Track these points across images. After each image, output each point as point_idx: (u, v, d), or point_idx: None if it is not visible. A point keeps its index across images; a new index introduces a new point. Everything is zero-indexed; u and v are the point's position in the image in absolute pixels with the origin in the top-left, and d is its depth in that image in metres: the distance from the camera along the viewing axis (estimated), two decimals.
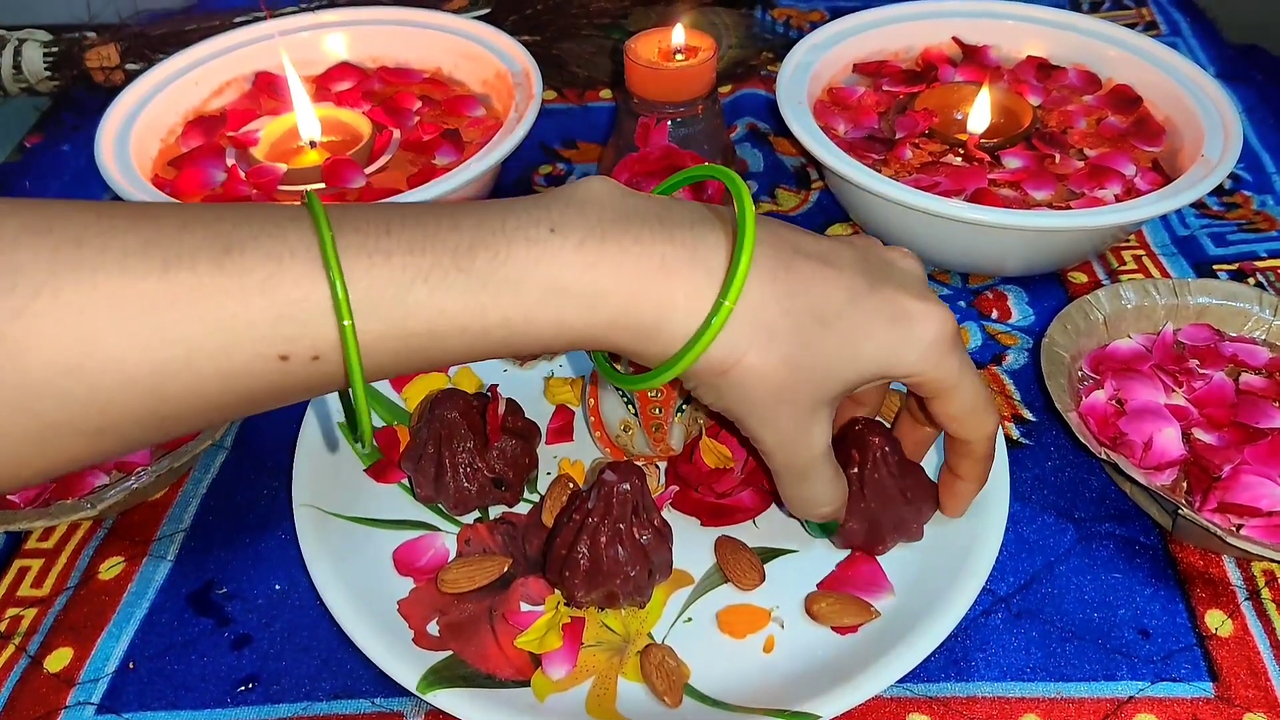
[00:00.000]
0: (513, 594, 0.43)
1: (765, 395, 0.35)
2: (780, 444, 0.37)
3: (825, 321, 0.35)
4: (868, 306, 0.36)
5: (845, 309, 0.35)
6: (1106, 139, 0.65)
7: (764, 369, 0.35)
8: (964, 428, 0.40)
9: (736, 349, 0.34)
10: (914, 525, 0.44)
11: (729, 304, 0.33)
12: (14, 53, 0.78)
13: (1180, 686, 0.41)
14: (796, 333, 0.35)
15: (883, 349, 0.36)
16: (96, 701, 0.42)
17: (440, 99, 0.70)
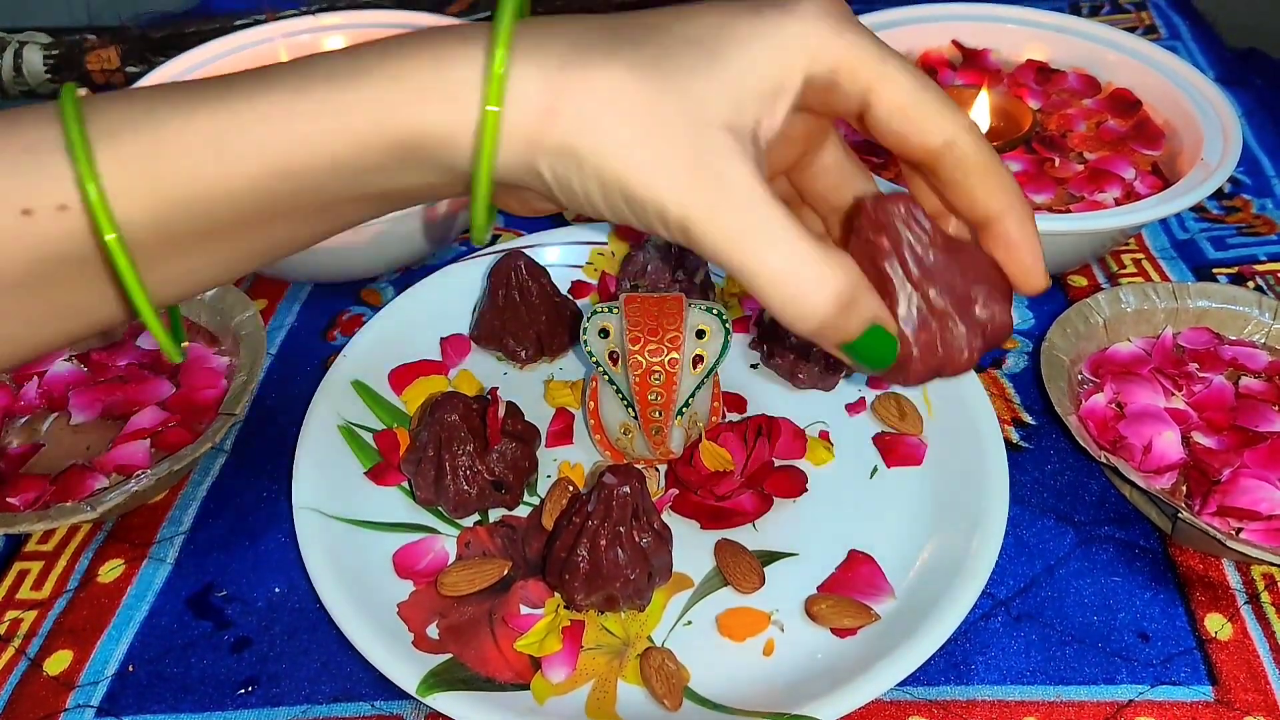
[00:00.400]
0: (512, 597, 0.43)
1: (621, 124, 0.27)
2: (685, 192, 0.27)
3: (656, 27, 0.28)
4: (711, 8, 0.29)
5: (680, 13, 0.29)
6: (1106, 143, 0.65)
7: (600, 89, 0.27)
8: (924, 120, 0.30)
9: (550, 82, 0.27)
10: (994, 307, 0.32)
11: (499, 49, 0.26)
12: (15, 55, 0.78)
13: (1180, 690, 0.41)
14: (624, 44, 0.28)
15: (759, 43, 0.28)
16: (96, 704, 0.42)
17: None
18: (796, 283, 0.27)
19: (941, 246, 0.31)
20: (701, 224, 0.27)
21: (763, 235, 0.27)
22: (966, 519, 0.45)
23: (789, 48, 0.28)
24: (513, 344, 0.54)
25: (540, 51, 0.27)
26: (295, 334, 0.59)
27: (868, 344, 0.29)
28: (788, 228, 0.27)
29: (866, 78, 0.29)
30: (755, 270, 0.27)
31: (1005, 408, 0.53)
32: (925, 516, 0.46)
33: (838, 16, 0.29)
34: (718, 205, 0.27)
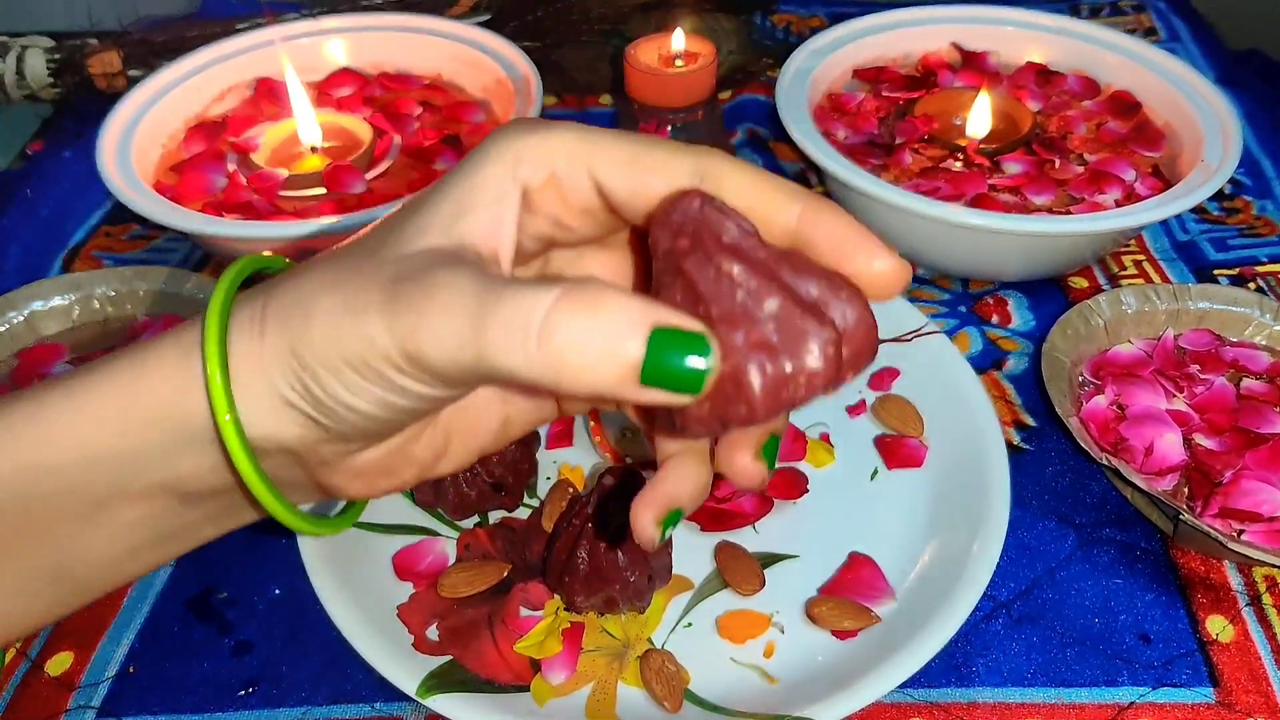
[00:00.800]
0: (512, 599, 0.43)
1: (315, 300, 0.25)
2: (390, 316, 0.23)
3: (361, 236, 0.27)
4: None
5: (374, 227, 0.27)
6: (1106, 144, 0.65)
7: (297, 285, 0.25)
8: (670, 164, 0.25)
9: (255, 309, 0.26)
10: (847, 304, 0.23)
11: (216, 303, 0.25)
12: (17, 59, 0.79)
13: (1181, 692, 0.41)
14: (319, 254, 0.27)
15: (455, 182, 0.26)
16: (97, 705, 0.42)
17: (441, 105, 0.70)
18: (517, 320, 0.22)
19: (758, 239, 0.24)
20: (414, 338, 0.23)
21: (469, 302, 0.22)
22: (967, 521, 0.44)
23: (487, 166, 0.26)
24: None
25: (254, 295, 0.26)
26: None
27: (664, 357, 0.22)
28: (497, 282, 0.23)
29: (583, 155, 0.25)
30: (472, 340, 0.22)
31: (1006, 409, 0.53)
32: (926, 518, 0.46)
33: (531, 125, 0.26)
34: (417, 303, 0.23)
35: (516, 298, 0.22)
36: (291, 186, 0.62)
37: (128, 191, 0.58)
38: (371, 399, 0.25)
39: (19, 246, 0.67)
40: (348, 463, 0.27)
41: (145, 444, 0.26)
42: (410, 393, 0.24)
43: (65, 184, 0.72)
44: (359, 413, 0.25)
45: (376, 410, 0.25)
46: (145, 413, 0.26)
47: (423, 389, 0.24)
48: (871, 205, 0.57)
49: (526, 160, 0.25)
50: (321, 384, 0.24)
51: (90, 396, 0.26)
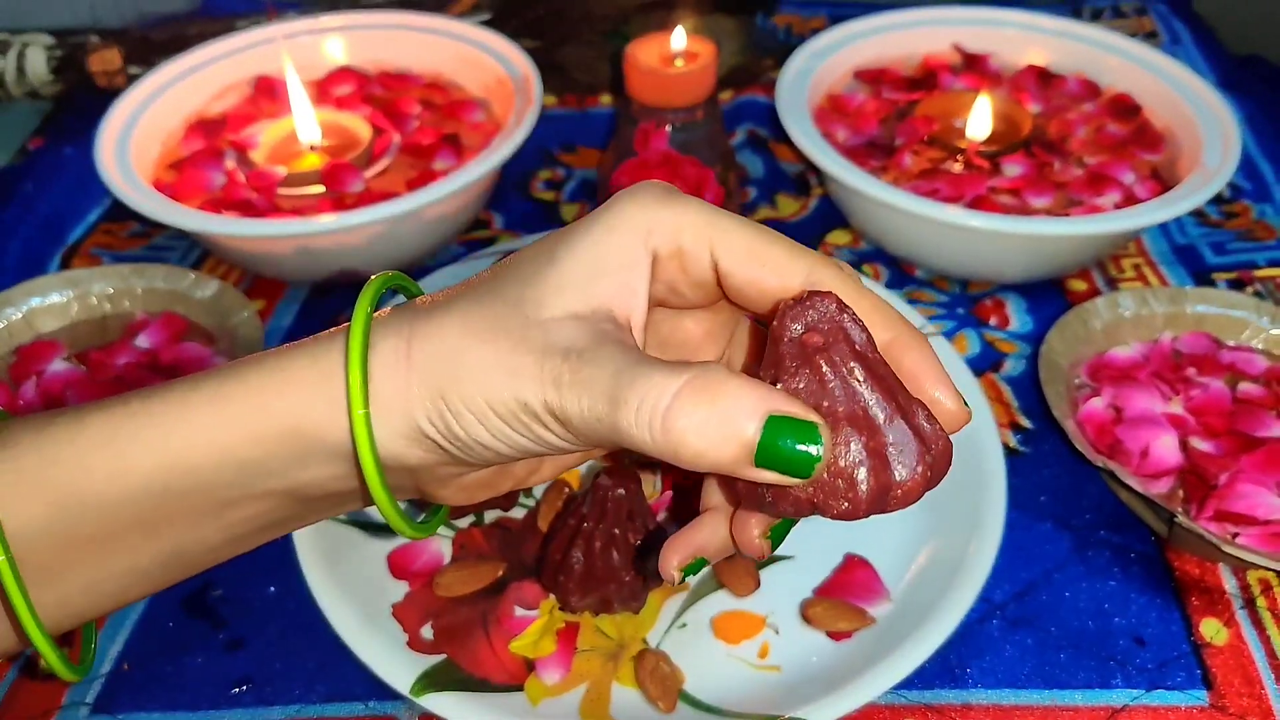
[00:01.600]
0: (507, 598, 0.43)
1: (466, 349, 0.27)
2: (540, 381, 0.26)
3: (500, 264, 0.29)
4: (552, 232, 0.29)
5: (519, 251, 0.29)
6: (1106, 147, 0.65)
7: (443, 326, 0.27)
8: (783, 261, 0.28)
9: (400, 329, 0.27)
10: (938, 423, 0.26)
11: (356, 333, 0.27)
12: (18, 56, 0.79)
13: (1175, 695, 0.41)
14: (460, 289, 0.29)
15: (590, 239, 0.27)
16: (91, 702, 0.42)
17: (440, 103, 0.70)
18: (649, 400, 0.24)
19: (881, 359, 0.26)
20: (558, 397, 0.25)
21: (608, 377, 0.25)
22: (963, 523, 0.44)
23: (622, 229, 0.27)
24: None
25: (394, 322, 0.28)
26: (293, 335, 0.59)
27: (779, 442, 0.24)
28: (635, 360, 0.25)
29: (707, 231, 0.28)
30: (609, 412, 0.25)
31: (1003, 411, 0.53)
32: (922, 520, 0.46)
33: (663, 192, 0.28)
34: (567, 375, 0.25)
35: (647, 383, 0.24)
36: (290, 184, 0.62)
37: (126, 189, 0.58)
38: (509, 442, 0.27)
39: (18, 243, 0.67)
40: (457, 480, 0.30)
41: (276, 454, 0.27)
42: (545, 442, 0.27)
43: (65, 181, 0.72)
44: (492, 451, 0.27)
45: (508, 451, 0.27)
46: (280, 425, 0.27)
47: (558, 441, 0.27)
48: (871, 207, 0.57)
49: (657, 232, 0.28)
50: (464, 425, 0.27)
51: (231, 405, 0.27)
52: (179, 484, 0.27)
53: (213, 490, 0.28)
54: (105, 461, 0.27)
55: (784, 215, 0.68)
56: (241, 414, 0.27)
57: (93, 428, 0.27)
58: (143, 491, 0.27)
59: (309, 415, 0.27)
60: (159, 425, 0.27)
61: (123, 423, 0.27)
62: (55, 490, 0.27)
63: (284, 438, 0.27)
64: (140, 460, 0.27)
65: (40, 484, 0.27)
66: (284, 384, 0.27)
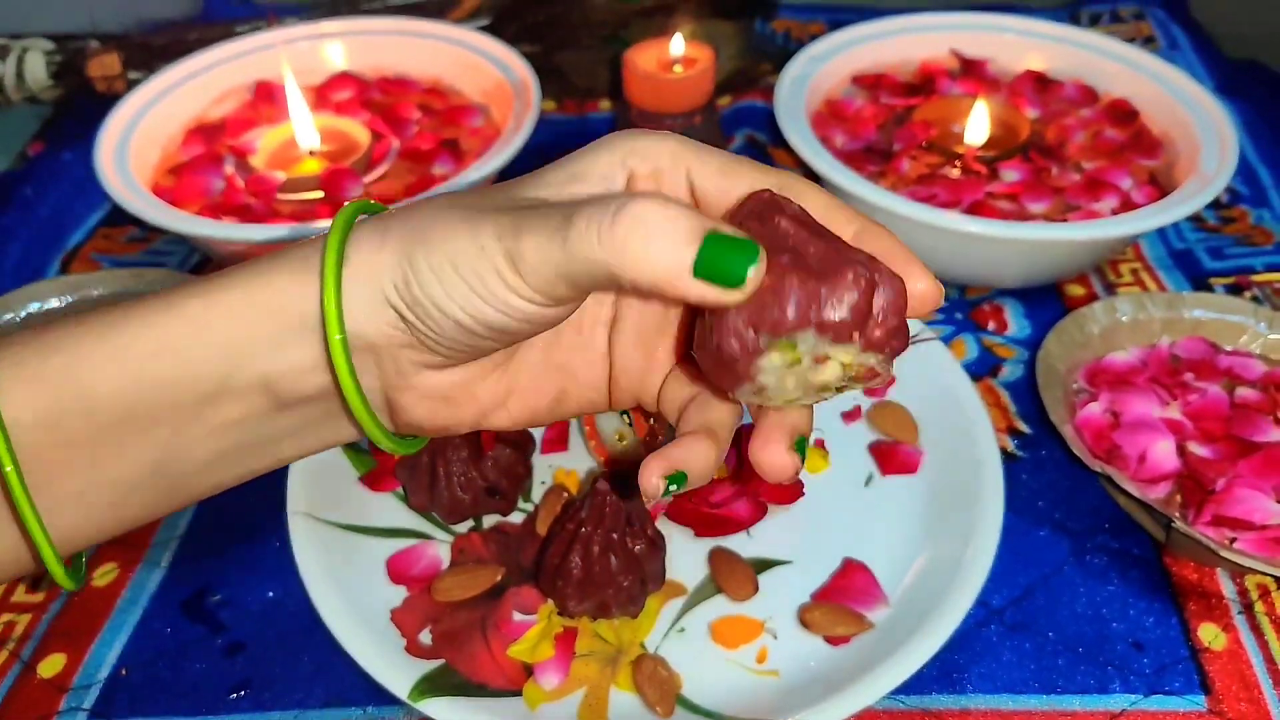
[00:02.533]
0: (505, 603, 0.43)
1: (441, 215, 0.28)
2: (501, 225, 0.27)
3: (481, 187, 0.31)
4: None
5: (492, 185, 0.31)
6: (1104, 152, 0.65)
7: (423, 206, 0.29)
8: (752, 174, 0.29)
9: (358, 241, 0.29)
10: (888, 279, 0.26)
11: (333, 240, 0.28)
12: (17, 61, 0.79)
13: (1173, 700, 0.41)
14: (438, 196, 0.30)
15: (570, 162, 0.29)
16: (89, 708, 0.42)
17: (439, 109, 0.70)
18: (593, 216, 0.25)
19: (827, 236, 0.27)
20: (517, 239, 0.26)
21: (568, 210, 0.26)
22: (961, 527, 0.45)
23: (600, 151, 0.29)
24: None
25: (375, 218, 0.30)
26: None
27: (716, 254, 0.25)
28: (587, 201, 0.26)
29: (684, 156, 0.29)
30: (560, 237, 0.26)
31: (1001, 416, 0.53)
32: (920, 525, 0.46)
33: (645, 130, 0.30)
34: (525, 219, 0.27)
35: (599, 201, 0.26)
36: (289, 189, 0.62)
37: (125, 194, 0.58)
38: (466, 306, 0.27)
39: (17, 247, 0.67)
40: (419, 380, 0.30)
41: (255, 335, 0.29)
42: (500, 300, 0.27)
43: (64, 185, 0.72)
44: (450, 320, 0.28)
45: (465, 319, 0.28)
46: (260, 306, 0.29)
47: (513, 299, 0.27)
48: (869, 212, 0.57)
49: (636, 153, 0.29)
50: (422, 283, 0.27)
51: (218, 294, 0.29)
52: (164, 371, 0.28)
53: (196, 379, 0.29)
54: (100, 355, 0.28)
55: None
56: (226, 299, 0.29)
57: (89, 325, 0.29)
58: (132, 382, 0.28)
59: (290, 292, 0.29)
60: (150, 319, 0.29)
61: (119, 320, 0.29)
62: (52, 382, 0.28)
63: (265, 316, 0.29)
64: (131, 351, 0.28)
65: (37, 376, 0.28)
66: (268, 271, 0.29)
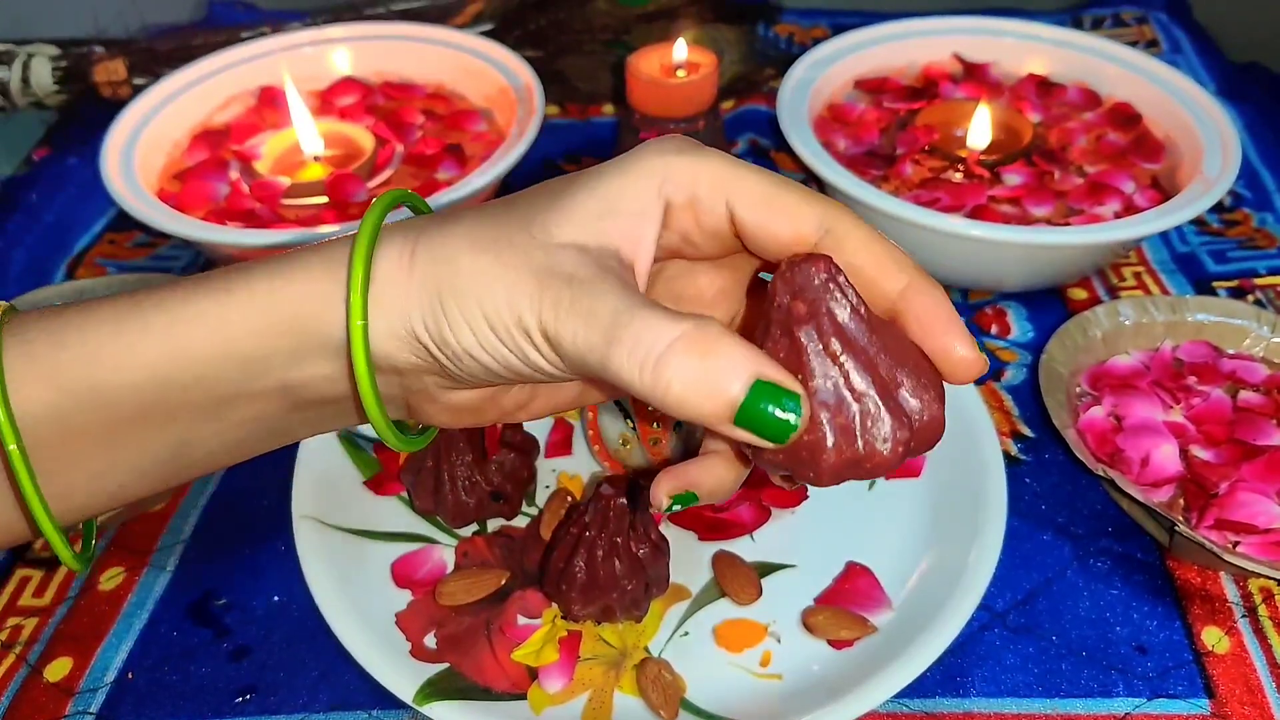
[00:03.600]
0: (510, 607, 0.43)
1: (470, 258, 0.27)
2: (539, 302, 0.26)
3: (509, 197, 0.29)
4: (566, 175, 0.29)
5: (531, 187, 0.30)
6: (1106, 156, 0.65)
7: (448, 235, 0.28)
8: (799, 211, 0.28)
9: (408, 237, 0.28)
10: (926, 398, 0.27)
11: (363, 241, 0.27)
12: (23, 66, 0.79)
13: (1177, 703, 0.41)
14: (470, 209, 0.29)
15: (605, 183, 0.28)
16: (95, 711, 0.42)
17: (443, 114, 0.70)
18: (644, 344, 0.24)
19: (868, 321, 0.26)
20: (555, 324, 0.26)
21: (607, 314, 0.25)
22: (964, 531, 0.45)
23: (637, 174, 0.28)
24: None
25: (401, 229, 0.28)
26: None
27: (760, 407, 0.24)
28: (635, 302, 0.25)
29: (724, 183, 0.28)
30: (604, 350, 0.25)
31: (1004, 420, 0.54)
32: (923, 529, 0.46)
33: (683, 144, 0.29)
34: (565, 301, 0.26)
35: (644, 326, 0.25)
36: (294, 195, 0.62)
37: (131, 199, 0.58)
38: (498, 357, 0.27)
39: (23, 252, 0.67)
40: (444, 396, 0.30)
41: (275, 348, 0.28)
42: (532, 364, 0.27)
43: (70, 191, 0.73)
44: (480, 365, 0.28)
45: (496, 367, 0.28)
46: (282, 318, 0.28)
47: (546, 366, 0.27)
48: (871, 216, 0.57)
49: (673, 180, 0.28)
50: (457, 333, 0.27)
51: (236, 299, 0.28)
52: (182, 376, 0.28)
53: (214, 385, 0.28)
54: (114, 351, 0.28)
55: None
56: (245, 307, 0.28)
57: (101, 318, 0.28)
58: (148, 382, 0.28)
59: (309, 307, 0.28)
60: (166, 317, 0.28)
61: (130, 314, 0.28)
62: (64, 378, 0.28)
63: (284, 331, 0.28)
64: (146, 350, 0.28)
65: (50, 371, 0.28)
66: (289, 280, 0.28)
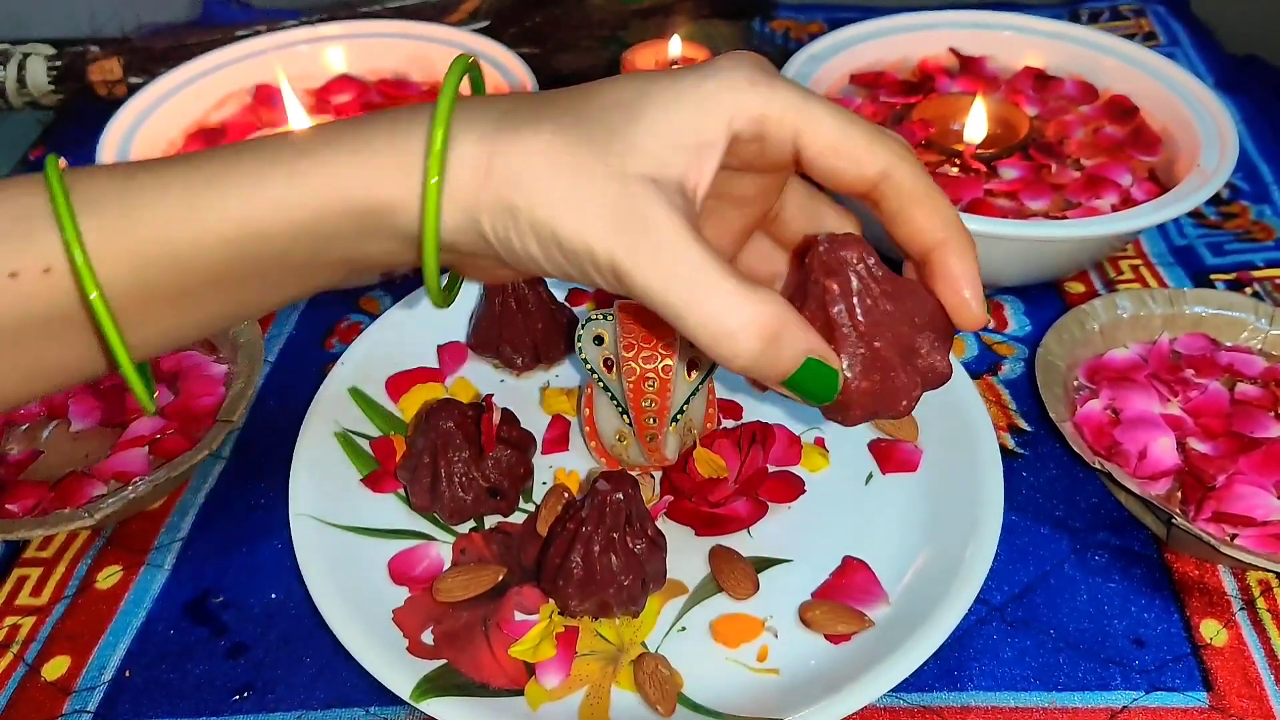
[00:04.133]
0: (507, 603, 0.43)
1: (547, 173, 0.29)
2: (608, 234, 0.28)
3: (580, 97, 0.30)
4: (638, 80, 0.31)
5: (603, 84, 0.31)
6: (1103, 149, 0.65)
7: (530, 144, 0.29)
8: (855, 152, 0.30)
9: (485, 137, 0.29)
10: (934, 354, 0.33)
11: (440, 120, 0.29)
12: (18, 66, 0.79)
13: (1175, 696, 0.41)
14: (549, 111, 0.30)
15: (677, 104, 0.29)
16: (93, 710, 0.42)
17: None
18: (720, 319, 0.28)
19: (889, 293, 0.31)
20: (627, 265, 0.28)
21: (685, 275, 0.28)
22: (961, 525, 0.45)
23: (708, 105, 0.29)
24: (509, 351, 0.54)
25: (477, 122, 0.29)
26: (293, 342, 0.59)
27: (806, 378, 0.30)
28: (710, 268, 0.28)
29: (793, 121, 0.30)
30: (680, 310, 0.28)
31: (1001, 414, 0.53)
32: (920, 523, 0.46)
33: (756, 71, 0.30)
34: (640, 247, 0.28)
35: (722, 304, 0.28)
36: None
37: None
38: (559, 269, 0.30)
39: None
40: (494, 271, 0.33)
41: (344, 229, 0.30)
42: (591, 282, 0.30)
43: None
44: (538, 266, 0.30)
45: (553, 271, 0.30)
46: (353, 202, 0.29)
47: (604, 286, 0.29)
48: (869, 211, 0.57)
49: (741, 117, 0.29)
50: (524, 242, 0.29)
51: (308, 180, 0.29)
52: (254, 251, 0.30)
53: (284, 258, 0.30)
54: (187, 227, 0.29)
55: None
56: (318, 189, 0.29)
57: (175, 193, 0.29)
58: (220, 256, 0.30)
59: (380, 193, 0.29)
60: (238, 196, 0.29)
61: (202, 191, 0.29)
62: (139, 251, 0.29)
63: (354, 214, 0.30)
64: (220, 228, 0.29)
65: (124, 244, 0.29)
66: (361, 164, 0.29)
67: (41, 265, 0.29)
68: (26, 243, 0.29)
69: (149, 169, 0.30)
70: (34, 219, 0.29)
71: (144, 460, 0.49)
